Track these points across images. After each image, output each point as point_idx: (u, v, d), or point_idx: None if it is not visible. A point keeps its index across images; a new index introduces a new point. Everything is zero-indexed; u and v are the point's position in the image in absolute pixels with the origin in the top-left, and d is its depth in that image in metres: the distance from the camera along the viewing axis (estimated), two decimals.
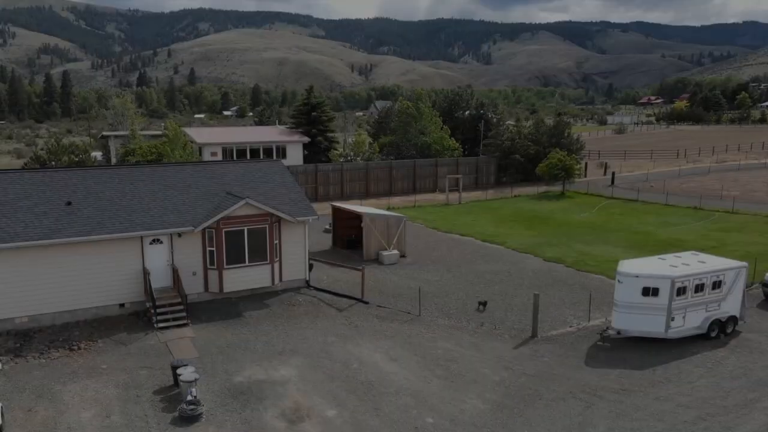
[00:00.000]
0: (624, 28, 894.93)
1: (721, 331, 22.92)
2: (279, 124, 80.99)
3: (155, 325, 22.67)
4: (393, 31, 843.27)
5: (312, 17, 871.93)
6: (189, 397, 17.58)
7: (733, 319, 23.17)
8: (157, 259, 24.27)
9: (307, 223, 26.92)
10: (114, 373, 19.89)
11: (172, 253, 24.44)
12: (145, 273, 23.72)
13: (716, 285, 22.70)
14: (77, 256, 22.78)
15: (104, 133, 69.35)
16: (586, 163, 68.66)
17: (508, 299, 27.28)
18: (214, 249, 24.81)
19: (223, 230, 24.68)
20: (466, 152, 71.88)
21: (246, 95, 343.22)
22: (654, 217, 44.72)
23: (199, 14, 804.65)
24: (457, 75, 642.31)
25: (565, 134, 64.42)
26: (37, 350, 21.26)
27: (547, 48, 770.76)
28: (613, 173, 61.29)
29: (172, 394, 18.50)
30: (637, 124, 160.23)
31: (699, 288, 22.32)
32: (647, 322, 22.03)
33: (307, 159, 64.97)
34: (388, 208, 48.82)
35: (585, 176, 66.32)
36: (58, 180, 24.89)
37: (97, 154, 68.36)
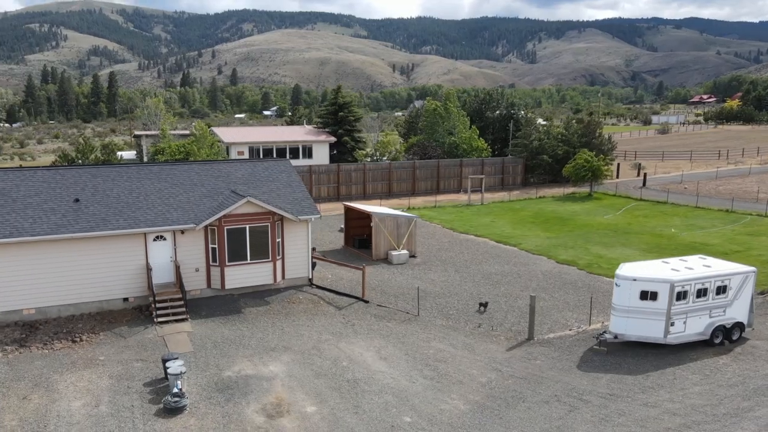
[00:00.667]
0: (677, 24, 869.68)
1: (726, 337, 22.32)
2: (308, 123, 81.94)
3: (155, 320, 23.46)
4: (436, 30, 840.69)
5: (354, 17, 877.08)
6: (175, 390, 18.21)
7: (739, 326, 22.53)
8: (161, 255, 25.09)
9: (310, 222, 27.35)
10: (110, 364, 20.71)
11: (175, 249, 25.23)
12: (148, 268, 24.57)
13: (721, 290, 22.13)
14: (82, 251, 23.76)
15: (136, 132, 71.63)
16: (618, 164, 67.34)
17: (511, 301, 27.15)
18: (216, 246, 25.50)
19: (225, 228, 25.33)
20: (496, 152, 71.46)
21: (287, 95, 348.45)
22: (681, 220, 43.62)
23: (243, 15, 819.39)
24: (500, 74, 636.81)
25: (596, 134, 63.29)
26: (41, 341, 22.30)
27: (595, 46, 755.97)
28: (645, 174, 59.93)
29: (161, 386, 19.15)
30: (684, 123, 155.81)
31: (701, 293, 21.79)
32: (645, 327, 21.63)
33: (334, 159, 65.74)
34: (408, 209, 49.08)
35: (617, 177, 65.11)
36: (69, 178, 26.00)
37: (130, 153, 70.75)
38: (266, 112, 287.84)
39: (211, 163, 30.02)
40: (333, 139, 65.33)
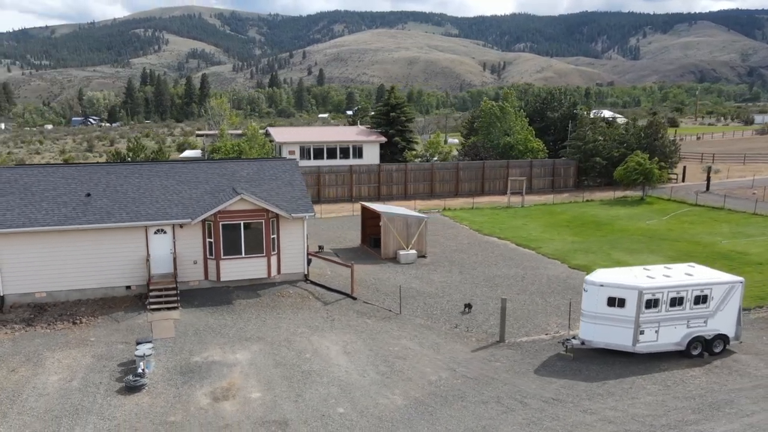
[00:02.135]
0: None
1: (706, 349, 21.61)
2: (360, 124, 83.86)
3: (148, 307, 25.69)
4: (531, 26, 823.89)
5: (446, 15, 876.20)
6: (139, 370, 20.17)
7: (722, 338, 21.73)
8: (161, 247, 27.36)
9: (305, 219, 28.78)
10: (97, 345, 23.04)
11: (174, 242, 27.42)
12: (147, 259, 26.89)
13: (700, 300, 21.45)
14: (89, 241, 26.40)
15: (198, 132, 76.20)
16: (684, 167, 64.34)
17: (500, 303, 27.28)
18: (212, 240, 27.46)
19: (221, 223, 27.23)
20: (557, 154, 70.13)
21: (371, 95, 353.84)
22: (730, 227, 41.48)
23: (335, 16, 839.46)
24: (597, 71, 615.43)
25: (659, 136, 60.84)
26: (46, 321, 25.05)
27: (707, 40, 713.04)
28: (708, 178, 56.95)
29: (132, 366, 21.17)
30: None
31: (676, 302, 21.24)
32: (613, 334, 21.37)
33: (384, 159, 67.12)
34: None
35: (683, 181, 62.30)
36: (86, 174, 28.86)
37: (195, 152, 75.46)
38: (349, 112, 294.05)
39: (219, 162, 32.15)
40: (383, 139, 66.70)
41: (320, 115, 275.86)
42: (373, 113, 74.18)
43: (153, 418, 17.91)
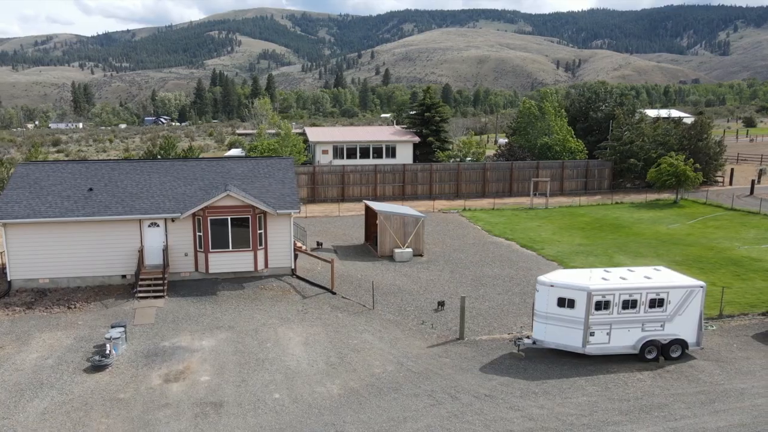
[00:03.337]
0: None
1: (662, 353, 21.47)
2: (397, 124, 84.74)
3: (136, 295, 27.74)
4: (610, 22, 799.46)
5: (519, 13, 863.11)
6: (106, 352, 22.07)
7: (680, 343, 21.52)
8: (154, 240, 29.41)
9: (291, 216, 30.17)
10: (82, 328, 25.19)
11: (166, 235, 29.42)
12: (140, 250, 28.99)
13: (656, 303, 21.35)
14: (89, 232, 28.74)
15: (238, 131, 79.26)
16: (732, 169, 61.81)
17: (478, 302, 27.79)
18: (201, 234, 29.27)
19: (209, 218, 29.00)
20: (595, 155, 68.78)
21: (436, 94, 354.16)
22: (757, 232, 39.98)
23: (405, 15, 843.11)
24: (681, 68, 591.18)
25: (703, 137, 58.77)
26: (44, 306, 27.50)
27: None
28: (753, 181, 54.66)
29: (103, 348, 23.12)
30: None
31: (629, 304, 21.23)
32: (564, 335, 21.58)
33: (419, 159, 67.94)
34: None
35: (729, 184, 59.95)
36: (92, 170, 31.33)
37: (237, 150, 78.70)
38: (412, 112, 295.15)
39: (217, 160, 34.00)
40: (416, 139, 67.49)
41: (383, 115, 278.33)
42: (409, 113, 75.00)
43: (105, 395, 19.69)
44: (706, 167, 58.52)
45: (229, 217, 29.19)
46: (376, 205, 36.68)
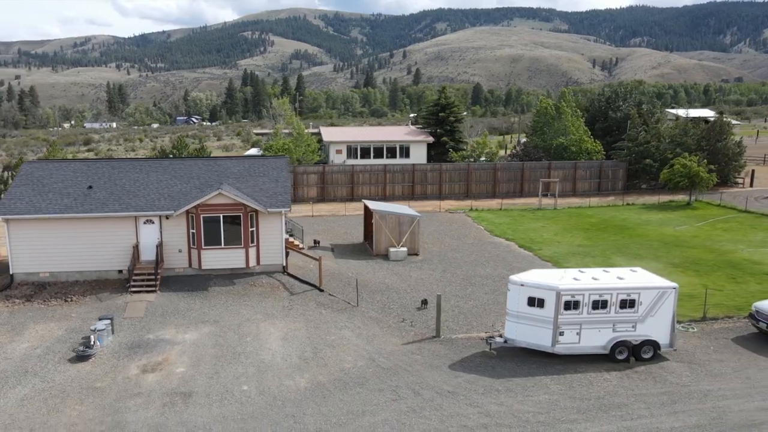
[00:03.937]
0: None
1: (634, 354, 21.55)
2: (412, 124, 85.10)
3: (129, 289, 28.82)
4: (649, 20, 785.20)
5: (554, 11, 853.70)
6: (90, 343, 23.11)
7: (652, 344, 21.57)
8: (149, 236, 30.48)
9: (282, 214, 30.93)
10: (74, 320, 26.33)
11: (161, 232, 30.46)
12: (136, 246, 30.09)
13: (627, 304, 21.45)
14: (87, 228, 29.94)
15: (255, 131, 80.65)
16: (753, 171, 60.65)
17: (462, 301, 28.14)
18: (194, 231, 30.23)
19: (201, 215, 29.94)
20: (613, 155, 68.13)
21: (467, 94, 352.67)
22: (765, 235, 39.40)
23: (438, 14, 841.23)
24: (724, 66, 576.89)
25: (722, 138, 57.83)
26: (43, 298, 28.76)
27: None
28: None
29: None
30: None
31: (599, 304, 21.38)
32: (534, 334, 21.83)
33: (433, 159, 68.23)
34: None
35: (751, 185, 58.89)
36: (94, 169, 32.58)
37: (255, 150, 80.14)
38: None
39: (215, 159, 34.97)
40: (431, 139, 67.81)
41: (411, 115, 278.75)
42: (423, 113, 75.39)
43: (83, 384, 20.67)
44: (725, 168, 57.62)
45: (221, 215, 30.07)
46: (372, 205, 37.22)
